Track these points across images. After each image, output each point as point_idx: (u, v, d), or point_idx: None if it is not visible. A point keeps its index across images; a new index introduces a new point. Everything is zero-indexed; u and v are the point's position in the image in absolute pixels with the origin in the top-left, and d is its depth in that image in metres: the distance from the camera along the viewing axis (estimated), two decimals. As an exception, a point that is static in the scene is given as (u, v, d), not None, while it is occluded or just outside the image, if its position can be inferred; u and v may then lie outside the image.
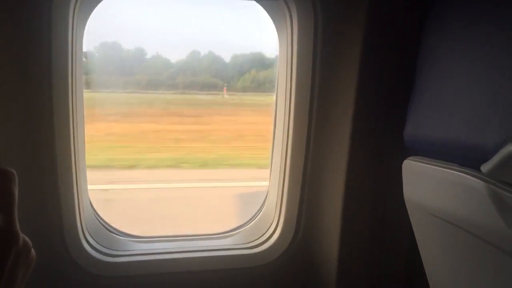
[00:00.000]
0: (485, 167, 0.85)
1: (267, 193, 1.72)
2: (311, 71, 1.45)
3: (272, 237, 1.63)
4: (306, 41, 1.43)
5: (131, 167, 5.08)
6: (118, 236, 1.60)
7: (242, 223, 1.76)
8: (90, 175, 1.56)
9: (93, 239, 1.50)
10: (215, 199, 4.77)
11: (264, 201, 1.74)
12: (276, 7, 1.48)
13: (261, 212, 1.73)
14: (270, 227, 1.66)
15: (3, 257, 0.61)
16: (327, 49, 1.43)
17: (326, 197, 1.53)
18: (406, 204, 1.20)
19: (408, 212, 1.21)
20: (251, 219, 1.75)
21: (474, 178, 0.89)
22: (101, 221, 1.59)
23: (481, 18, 0.93)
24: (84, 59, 1.44)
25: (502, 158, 0.79)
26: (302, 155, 1.54)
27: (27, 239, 0.70)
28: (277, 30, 1.54)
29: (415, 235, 1.23)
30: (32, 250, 0.71)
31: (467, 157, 0.94)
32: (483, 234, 0.91)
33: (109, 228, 1.60)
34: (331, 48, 1.42)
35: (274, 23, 1.52)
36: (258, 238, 1.65)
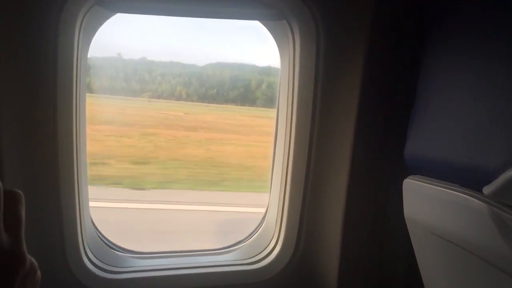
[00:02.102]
0: (487, 189, 0.87)
1: (267, 208, 1.73)
2: (313, 90, 1.48)
3: (273, 253, 1.63)
4: (308, 61, 1.45)
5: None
6: (119, 253, 1.60)
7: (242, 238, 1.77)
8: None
9: (94, 256, 1.50)
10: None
11: (264, 216, 1.75)
12: (279, 27, 1.50)
13: (260, 228, 1.73)
14: (270, 242, 1.67)
15: (11, 279, 0.62)
16: (329, 69, 1.45)
17: (327, 213, 1.54)
18: (406, 222, 1.22)
19: (408, 230, 1.23)
20: (250, 234, 1.76)
21: (475, 200, 0.90)
22: (102, 238, 1.58)
23: (481, 39, 0.95)
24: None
25: (505, 181, 0.81)
26: (303, 170, 1.55)
27: (33, 260, 0.70)
28: (279, 50, 1.56)
29: (415, 253, 1.25)
30: (38, 271, 0.71)
31: (468, 178, 0.96)
32: (484, 254, 0.93)
33: (110, 244, 1.60)
34: (333, 68, 1.45)
35: (276, 42, 1.55)
36: (258, 254, 1.66)
